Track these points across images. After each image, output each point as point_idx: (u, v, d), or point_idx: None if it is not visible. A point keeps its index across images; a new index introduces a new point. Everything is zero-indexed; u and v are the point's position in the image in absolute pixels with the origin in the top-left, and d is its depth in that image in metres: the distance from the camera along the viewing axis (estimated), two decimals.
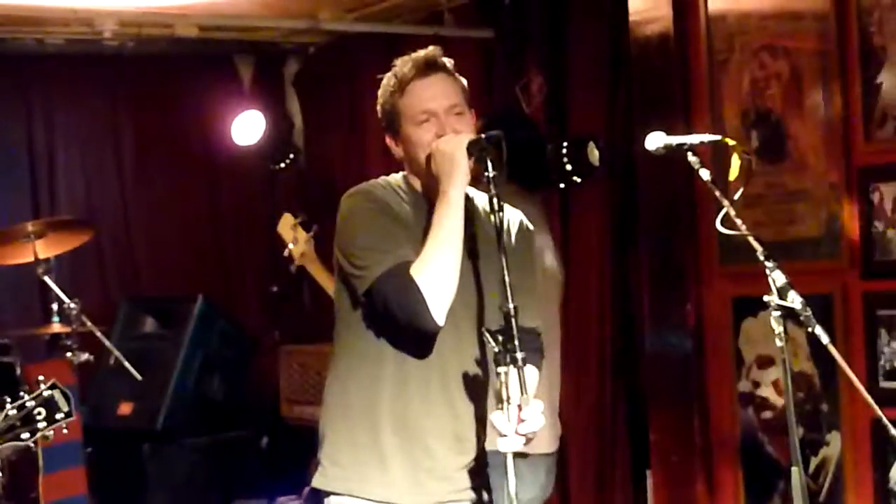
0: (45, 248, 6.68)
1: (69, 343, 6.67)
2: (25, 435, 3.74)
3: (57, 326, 6.75)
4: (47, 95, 8.75)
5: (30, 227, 6.65)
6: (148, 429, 7.55)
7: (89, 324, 6.66)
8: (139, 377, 6.88)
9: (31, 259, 6.61)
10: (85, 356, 6.64)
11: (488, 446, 3.80)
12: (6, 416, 3.68)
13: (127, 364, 6.81)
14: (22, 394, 3.76)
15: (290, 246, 5.12)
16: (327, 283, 4.99)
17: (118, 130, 9.00)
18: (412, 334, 3.54)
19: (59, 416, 3.83)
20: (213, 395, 7.93)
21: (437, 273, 3.44)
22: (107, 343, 6.87)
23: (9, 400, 3.73)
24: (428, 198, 3.66)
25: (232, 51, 9.11)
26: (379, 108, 3.73)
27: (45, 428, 3.81)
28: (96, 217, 8.45)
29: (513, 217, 3.82)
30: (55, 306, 6.75)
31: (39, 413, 3.77)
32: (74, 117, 8.86)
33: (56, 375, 6.61)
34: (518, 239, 3.79)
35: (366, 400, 3.66)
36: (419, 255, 3.48)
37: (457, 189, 3.48)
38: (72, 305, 6.56)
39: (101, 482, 6.98)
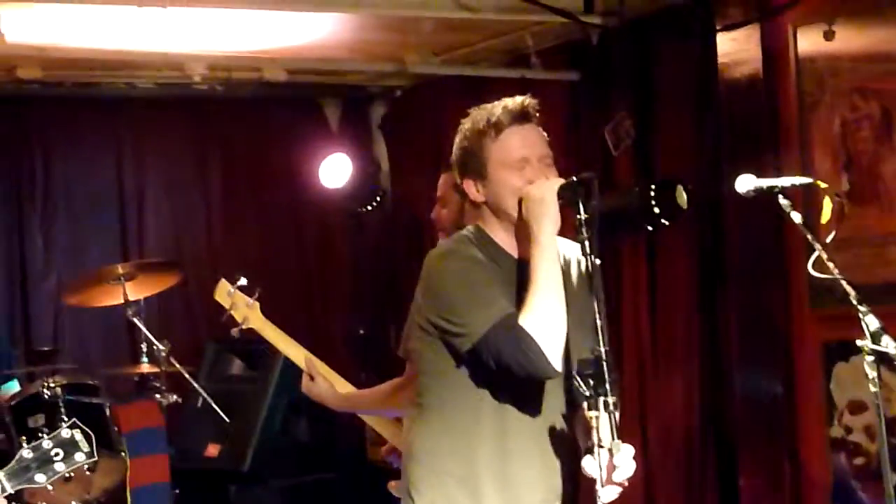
0: (135, 290, 6.73)
1: (157, 384, 6.72)
2: (41, 476, 3.58)
3: (145, 367, 6.79)
4: (137, 138, 8.84)
5: (120, 269, 6.70)
6: (235, 470, 7.56)
7: (177, 365, 6.69)
8: (227, 419, 6.91)
9: (121, 301, 6.67)
10: (173, 397, 6.68)
11: None
12: (20, 457, 3.55)
13: (215, 405, 6.84)
14: (38, 436, 3.61)
15: (230, 311, 5.04)
16: (279, 341, 4.96)
17: (206, 173, 9.06)
18: (525, 385, 3.53)
19: (78, 457, 3.61)
20: (300, 436, 7.94)
21: (547, 319, 3.41)
22: (195, 385, 6.90)
23: (24, 441, 3.59)
24: (506, 246, 3.66)
25: (319, 94, 9.16)
26: (461, 149, 3.69)
27: (64, 470, 3.63)
28: (184, 259, 8.50)
29: (579, 254, 3.78)
30: (144, 347, 6.80)
31: (57, 454, 3.61)
32: (163, 160, 8.94)
33: (145, 416, 6.73)
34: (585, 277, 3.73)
35: (462, 457, 3.63)
36: (520, 305, 3.46)
37: (549, 233, 3.46)
38: (160, 347, 6.61)
39: None
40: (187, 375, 6.80)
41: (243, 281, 4.92)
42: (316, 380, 4.77)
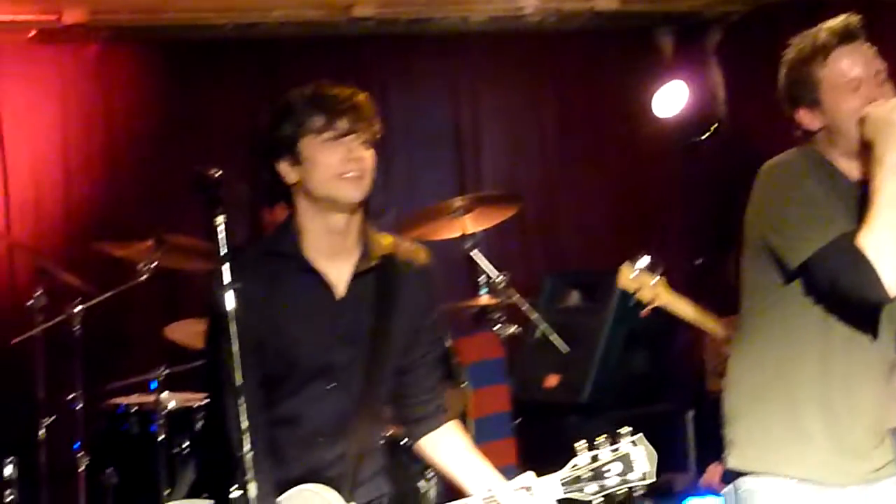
0: (473, 223, 6.81)
1: (496, 316, 6.79)
2: (591, 489, 3.48)
3: (485, 299, 6.87)
4: (471, 73, 8.95)
5: (458, 202, 6.79)
6: (574, 401, 7.59)
7: (516, 297, 6.75)
8: (566, 349, 6.94)
9: (460, 234, 6.76)
10: (512, 329, 6.75)
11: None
12: (576, 464, 3.48)
13: (554, 337, 6.87)
14: (597, 444, 3.54)
15: (636, 294, 4.99)
16: (691, 313, 4.88)
17: (540, 106, 9.11)
18: (858, 309, 3.44)
19: (632, 476, 3.49)
20: (638, 368, 7.91)
21: (886, 242, 3.32)
22: (534, 316, 6.95)
23: (585, 445, 3.48)
24: (844, 170, 3.59)
25: (652, 23, 9.07)
26: (789, 79, 3.65)
27: (615, 486, 3.48)
28: (520, 191, 8.57)
29: None
30: (482, 279, 6.89)
31: (613, 469, 3.47)
32: (498, 95, 9.02)
33: (485, 348, 6.83)
34: None
35: (784, 377, 3.60)
36: (858, 226, 3.38)
37: (894, 154, 3.36)
38: (499, 278, 6.68)
39: (528, 453, 7.09)
40: (526, 307, 6.86)
41: (645, 260, 4.93)
42: None
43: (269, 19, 7.95)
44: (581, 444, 3.48)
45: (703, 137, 8.78)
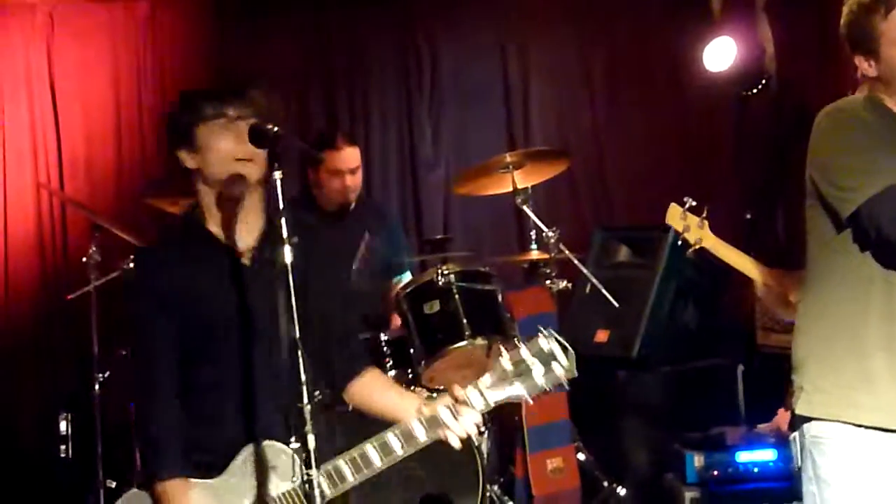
0: (523, 178, 6.81)
1: (547, 271, 6.80)
2: (517, 390, 3.68)
3: (535, 254, 6.88)
4: (521, 29, 8.93)
5: (508, 157, 6.79)
6: (624, 356, 7.58)
7: (567, 252, 6.75)
8: (616, 304, 6.95)
9: (510, 189, 6.77)
10: (563, 284, 6.76)
11: None
12: (499, 368, 3.65)
13: (604, 291, 6.88)
14: (519, 344, 3.67)
15: (683, 234, 5.08)
16: (732, 256, 4.96)
17: (589, 62, 9.07)
18: None
19: (557, 370, 3.69)
20: (688, 323, 7.89)
21: None
22: (584, 271, 6.95)
23: (503, 351, 3.64)
24: None
25: None
26: (849, 25, 3.66)
27: (544, 384, 3.68)
28: (568, 146, 8.56)
29: None
30: (532, 234, 6.90)
31: (536, 366, 3.65)
32: (547, 50, 9.00)
33: (536, 303, 6.84)
34: None
35: (851, 324, 3.61)
36: None
37: None
38: (549, 234, 6.68)
39: (580, 408, 7.11)
40: (576, 261, 6.86)
41: (692, 202, 5.00)
42: (770, 289, 4.79)
43: None
44: (498, 349, 3.65)
45: (753, 92, 8.75)
